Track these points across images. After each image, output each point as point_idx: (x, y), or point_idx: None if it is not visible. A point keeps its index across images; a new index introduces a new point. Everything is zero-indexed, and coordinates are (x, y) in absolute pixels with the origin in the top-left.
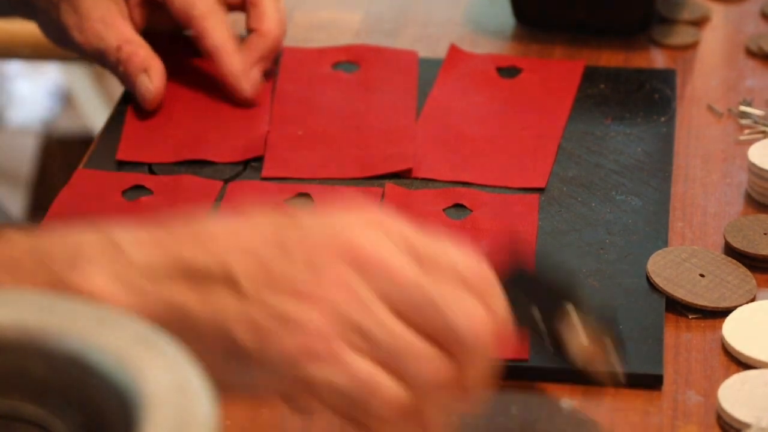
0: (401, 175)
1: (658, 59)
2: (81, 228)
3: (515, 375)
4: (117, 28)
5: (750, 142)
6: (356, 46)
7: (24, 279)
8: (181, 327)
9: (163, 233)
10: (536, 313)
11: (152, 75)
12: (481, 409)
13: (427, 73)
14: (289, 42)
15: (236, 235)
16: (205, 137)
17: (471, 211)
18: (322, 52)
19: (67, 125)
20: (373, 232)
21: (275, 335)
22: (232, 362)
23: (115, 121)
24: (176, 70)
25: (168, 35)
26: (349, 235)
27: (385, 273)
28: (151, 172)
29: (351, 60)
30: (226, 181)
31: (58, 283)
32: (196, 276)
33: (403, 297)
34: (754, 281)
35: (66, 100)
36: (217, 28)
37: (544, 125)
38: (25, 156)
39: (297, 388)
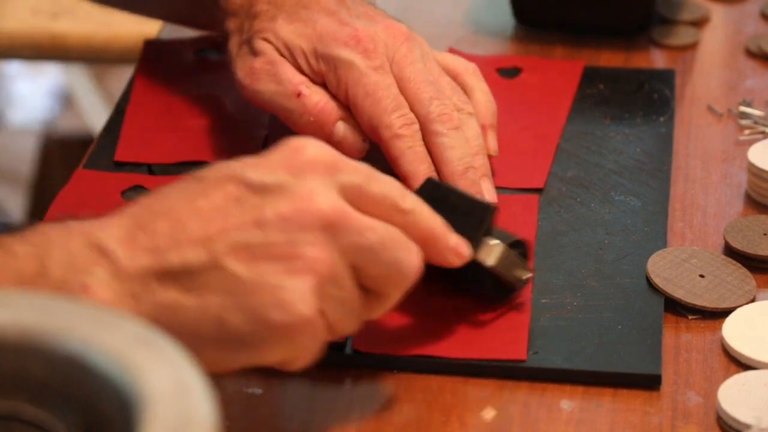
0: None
1: (657, 59)
2: (65, 231)
3: (515, 375)
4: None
5: (750, 143)
6: None
7: (27, 286)
8: (174, 324)
9: (141, 233)
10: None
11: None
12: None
13: None
14: None
15: (208, 220)
16: (205, 138)
17: None
18: None
19: (67, 125)
20: (329, 193)
21: (264, 312)
22: (224, 348)
23: (114, 122)
24: (176, 72)
25: (168, 39)
26: (310, 201)
27: (350, 232)
28: (151, 172)
29: None
30: None
31: (61, 291)
32: (182, 274)
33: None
34: (753, 282)
35: (66, 100)
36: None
37: (543, 125)
38: (25, 156)
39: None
